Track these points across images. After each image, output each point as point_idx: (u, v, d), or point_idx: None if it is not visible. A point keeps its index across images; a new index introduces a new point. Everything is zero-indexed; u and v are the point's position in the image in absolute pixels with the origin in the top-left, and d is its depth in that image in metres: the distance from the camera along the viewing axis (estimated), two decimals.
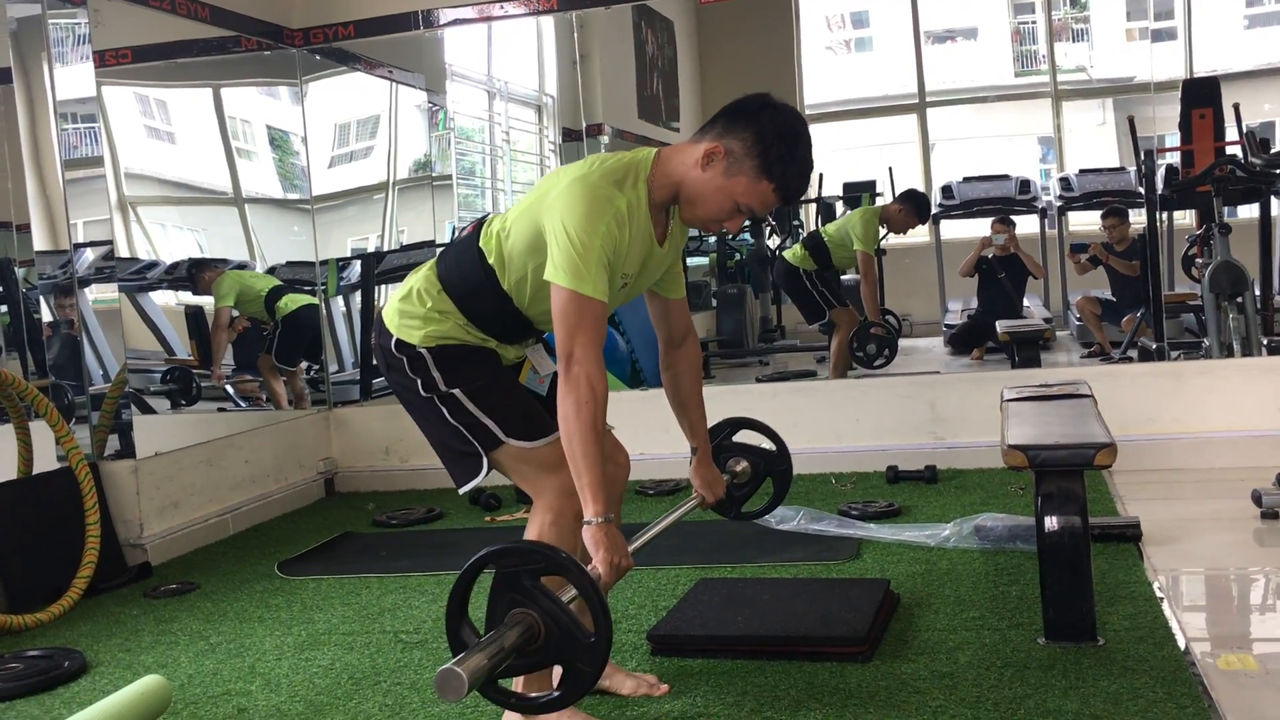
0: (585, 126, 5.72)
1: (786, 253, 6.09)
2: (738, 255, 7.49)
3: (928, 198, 6.24)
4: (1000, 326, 5.70)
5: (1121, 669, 2.32)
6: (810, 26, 7.82)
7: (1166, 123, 5.91)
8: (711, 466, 2.52)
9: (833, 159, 7.48)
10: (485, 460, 2.19)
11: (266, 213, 5.43)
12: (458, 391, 2.19)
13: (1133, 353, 5.52)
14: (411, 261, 5.66)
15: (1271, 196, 5.46)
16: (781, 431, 2.75)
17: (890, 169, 7.06)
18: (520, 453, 2.18)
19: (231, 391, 5.13)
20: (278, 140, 5.38)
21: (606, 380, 2.04)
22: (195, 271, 4.89)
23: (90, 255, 4.03)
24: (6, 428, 3.73)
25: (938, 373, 5.51)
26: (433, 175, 5.77)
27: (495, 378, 2.24)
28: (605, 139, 5.84)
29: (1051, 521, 2.48)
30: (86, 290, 4.02)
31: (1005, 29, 7.99)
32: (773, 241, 7.32)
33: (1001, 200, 6.87)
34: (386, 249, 5.85)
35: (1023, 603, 2.78)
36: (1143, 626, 2.56)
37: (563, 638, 1.78)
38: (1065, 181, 6.97)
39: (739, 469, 2.65)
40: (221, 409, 5.09)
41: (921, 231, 6.68)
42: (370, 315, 5.50)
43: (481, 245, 2.20)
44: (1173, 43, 7.11)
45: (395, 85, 5.69)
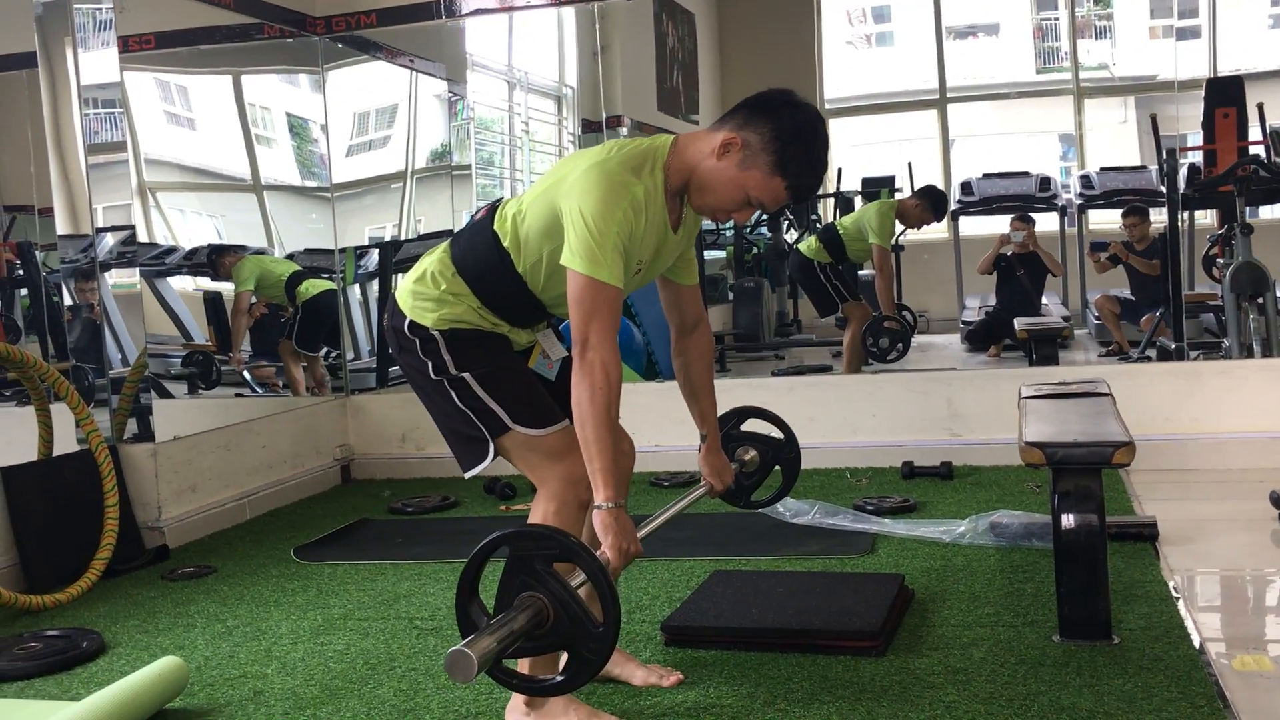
0: (605, 118, 5.71)
1: (801, 245, 6.08)
2: (755, 249, 7.48)
3: (945, 195, 6.21)
4: (1019, 324, 5.68)
5: (1136, 668, 2.32)
6: (831, 21, 7.79)
7: (1189, 121, 5.88)
8: (720, 454, 2.52)
9: (852, 154, 7.46)
10: (491, 445, 2.20)
11: (285, 200, 5.45)
12: (467, 375, 2.20)
13: (1151, 352, 5.50)
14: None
15: None
16: (796, 425, 2.75)
17: (910, 164, 7.04)
18: (526, 440, 2.19)
19: (249, 377, 5.16)
20: (297, 128, 5.40)
21: (621, 366, 2.04)
22: (215, 257, 4.92)
23: (111, 240, 4.06)
24: (27, 410, 3.76)
25: (954, 369, 5.50)
26: (451, 165, 5.78)
27: (505, 364, 2.24)
28: (624, 131, 5.84)
29: (1068, 519, 2.47)
30: (107, 275, 4.05)
31: (1027, 25, 7.95)
32: (790, 235, 7.31)
33: (1021, 197, 6.84)
34: (404, 238, 5.86)
35: (1038, 600, 2.77)
36: (1158, 626, 2.55)
37: (571, 624, 1.79)
38: (1086, 179, 6.94)
39: (748, 458, 2.65)
40: (239, 394, 5.12)
41: (940, 228, 6.67)
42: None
43: (496, 228, 2.20)
44: (1197, 41, 7.06)
45: (415, 74, 5.70)
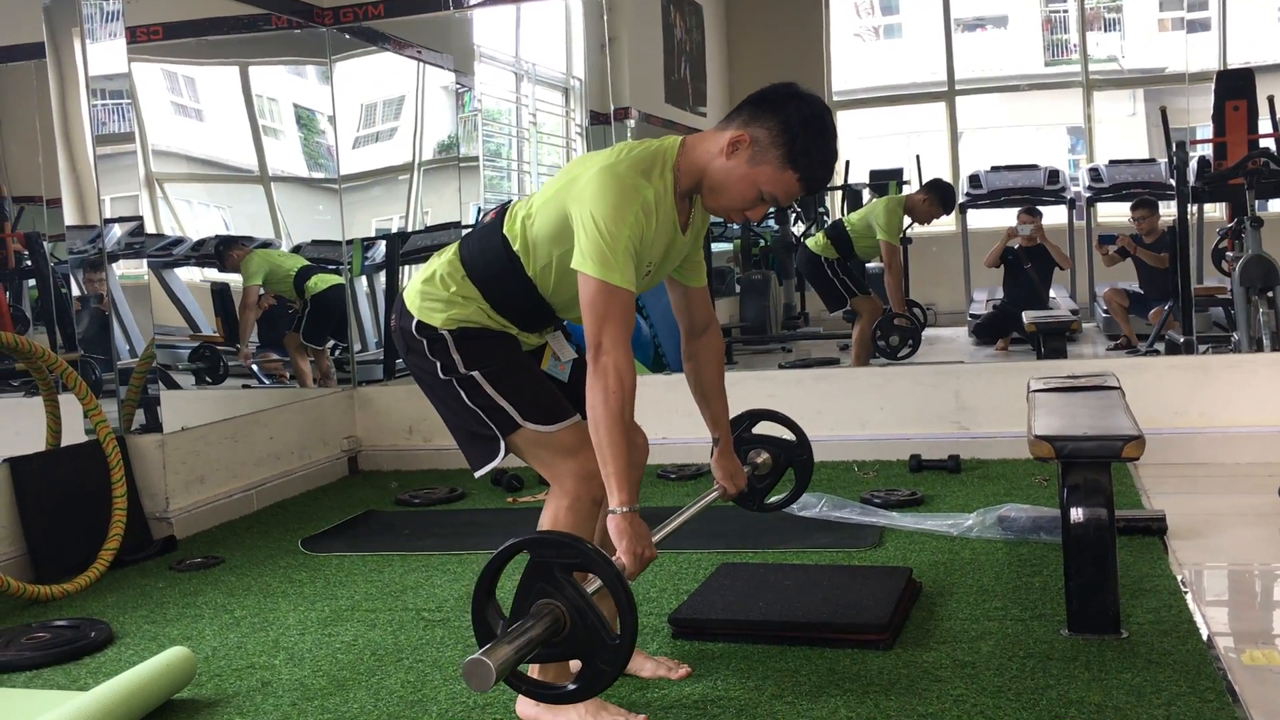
0: (613, 110, 5.70)
1: (809, 240, 6.06)
2: (762, 242, 7.47)
3: (953, 188, 6.18)
4: (1027, 317, 5.67)
5: (1145, 662, 2.31)
6: (839, 13, 7.77)
7: (1199, 114, 5.85)
8: (733, 458, 2.52)
9: (860, 146, 7.44)
10: (503, 444, 2.20)
11: (292, 191, 5.45)
12: (477, 374, 2.19)
13: (1160, 346, 5.48)
14: (436, 242, 5.67)
15: None
16: (804, 419, 2.74)
17: (918, 157, 7.02)
18: (537, 437, 2.18)
19: (256, 369, 5.17)
20: (304, 119, 5.40)
21: (634, 370, 2.04)
22: (223, 249, 4.92)
23: (119, 231, 4.06)
24: (36, 400, 3.77)
25: (962, 362, 5.48)
26: (459, 157, 5.77)
27: (515, 362, 2.24)
28: (632, 123, 5.83)
29: (1077, 513, 2.46)
30: (114, 266, 4.05)
31: (1036, 17, 7.92)
32: (798, 229, 7.29)
33: (1030, 190, 6.82)
34: (411, 229, 5.86)
35: (1046, 594, 2.77)
36: (1167, 620, 2.54)
37: (588, 634, 1.79)
38: (1095, 172, 6.91)
39: (760, 460, 2.65)
40: (246, 386, 5.13)
41: (948, 221, 6.64)
42: (395, 296, 5.52)
43: (505, 232, 2.20)
44: (1206, 33, 7.03)
45: (423, 66, 5.69)
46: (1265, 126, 5.45)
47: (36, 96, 4.17)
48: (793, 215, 7.29)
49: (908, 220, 5.80)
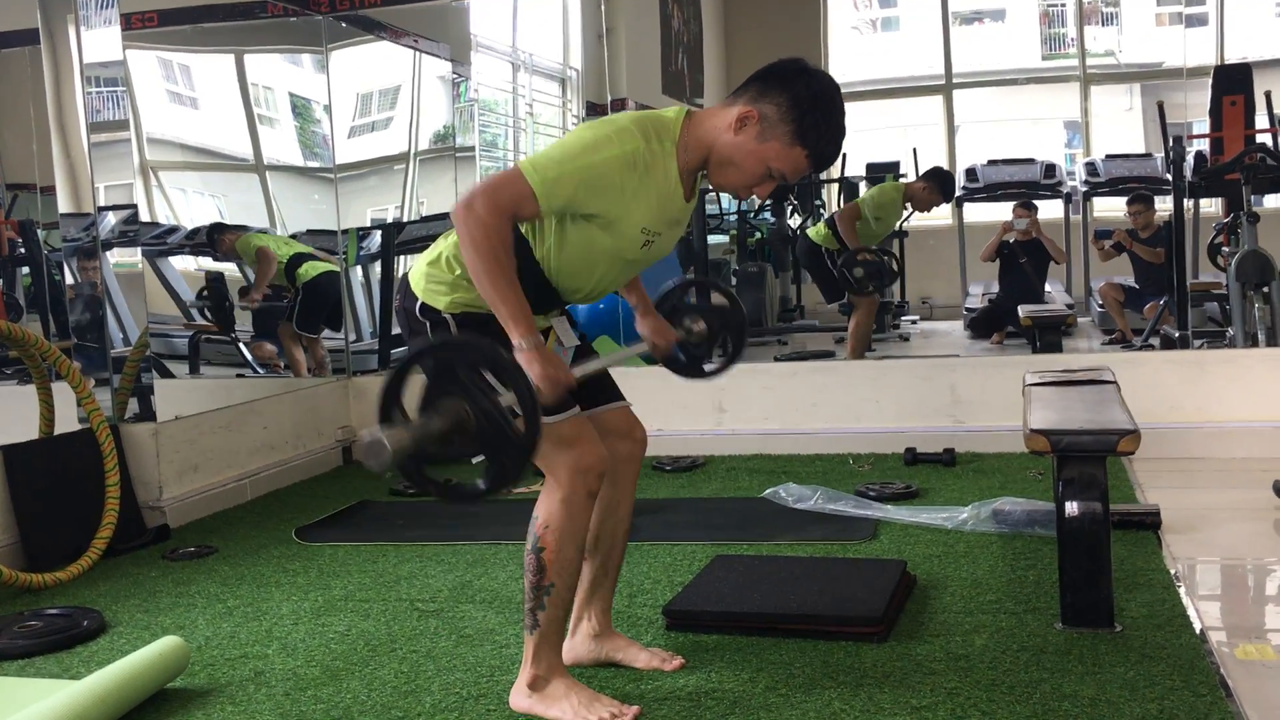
0: (609, 101, 5.69)
1: (810, 230, 6.06)
2: (759, 234, 7.46)
3: (952, 175, 6.19)
4: (1023, 311, 5.67)
5: (1139, 656, 2.32)
6: (837, 5, 7.77)
7: (1196, 109, 5.86)
8: (655, 315, 2.48)
9: (857, 139, 7.42)
10: None
11: (287, 180, 5.43)
12: None
13: (1155, 340, 5.49)
14: (432, 232, 5.65)
15: None
16: (800, 411, 2.75)
17: (915, 150, 7.03)
18: None
19: (250, 357, 5.15)
20: (300, 108, 5.38)
21: (505, 228, 2.00)
22: (216, 236, 4.90)
23: (113, 219, 4.04)
24: (29, 388, 3.75)
25: (957, 356, 5.49)
26: (455, 147, 5.76)
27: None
28: None
29: (1072, 507, 2.46)
30: (108, 254, 4.04)
31: (1033, 11, 7.92)
32: (794, 221, 7.29)
33: (1026, 184, 6.82)
34: (406, 219, 5.85)
35: (1040, 587, 2.77)
36: (1160, 614, 2.54)
37: (490, 429, 1.80)
38: (1091, 166, 6.92)
39: (697, 328, 2.60)
40: (240, 375, 5.12)
41: (945, 214, 6.65)
42: (390, 285, 5.51)
43: None
44: (1204, 29, 7.03)
45: (419, 55, 5.67)
46: (1262, 122, 5.46)
47: (31, 83, 4.15)
48: (789, 208, 7.29)
49: (909, 210, 5.79)
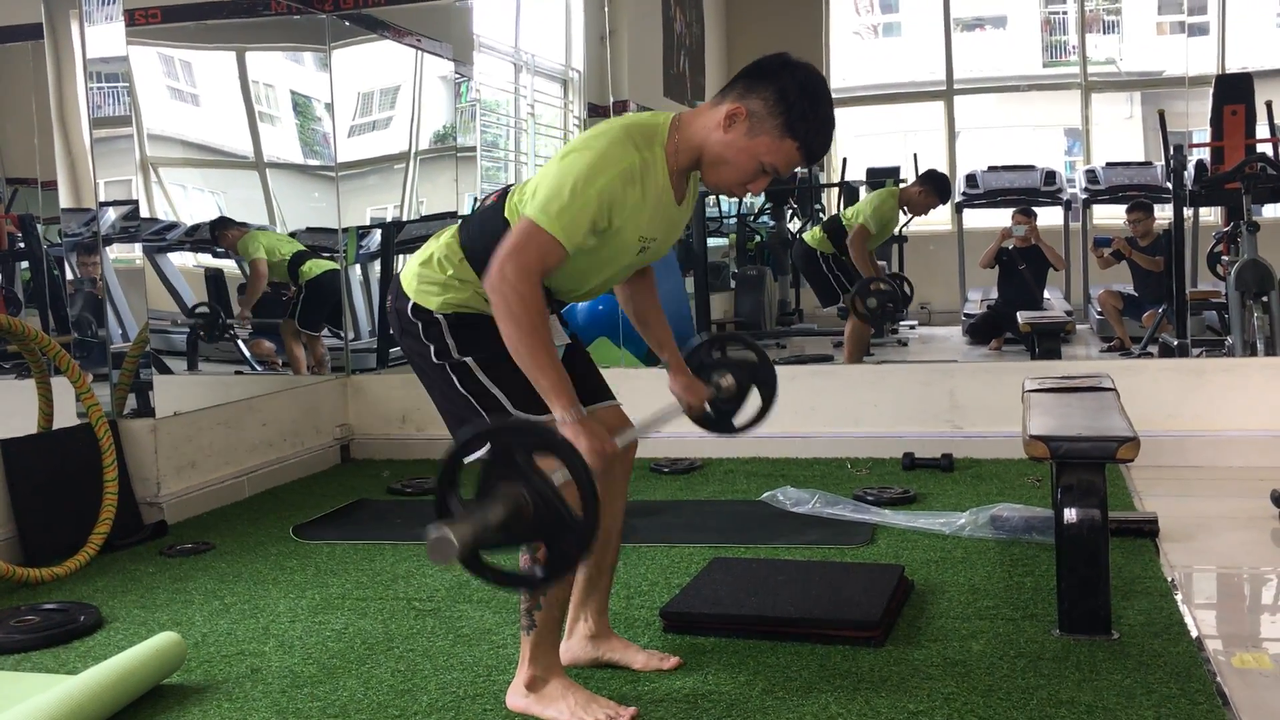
0: (611, 102, 5.69)
1: (806, 235, 6.07)
2: (758, 237, 7.47)
3: (948, 178, 6.18)
4: (1022, 318, 5.68)
5: (1136, 663, 2.32)
6: (839, 10, 7.77)
7: (1196, 118, 5.86)
8: (687, 373, 2.49)
9: (857, 144, 7.45)
10: None
11: (287, 178, 5.43)
12: (469, 360, 2.18)
13: (1153, 348, 5.50)
14: (431, 232, 5.64)
15: None
16: (798, 415, 2.75)
17: (915, 155, 7.03)
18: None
19: (249, 354, 5.15)
20: (301, 106, 5.38)
21: (539, 294, 2.01)
22: (219, 230, 4.89)
23: (113, 214, 4.04)
24: (27, 382, 3.75)
25: (956, 361, 5.49)
26: (456, 146, 5.76)
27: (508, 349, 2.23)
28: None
29: (1071, 513, 2.47)
30: (109, 249, 4.03)
31: (1035, 18, 7.93)
32: (794, 224, 7.29)
33: (1026, 191, 6.83)
34: (406, 219, 5.85)
35: (1038, 594, 2.77)
36: (1158, 622, 2.55)
37: (551, 516, 1.78)
38: (1091, 174, 6.93)
39: (725, 383, 2.61)
40: (239, 372, 5.12)
41: (944, 219, 6.65)
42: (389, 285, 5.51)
43: (506, 215, 2.18)
44: (1205, 38, 7.04)
45: (422, 54, 5.68)
46: (1263, 131, 5.46)
47: (33, 78, 4.14)
48: (789, 211, 7.29)
49: (905, 214, 5.78)
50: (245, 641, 2.70)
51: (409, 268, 2.26)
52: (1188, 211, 5.49)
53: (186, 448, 4.08)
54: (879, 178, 6.95)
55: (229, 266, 4.99)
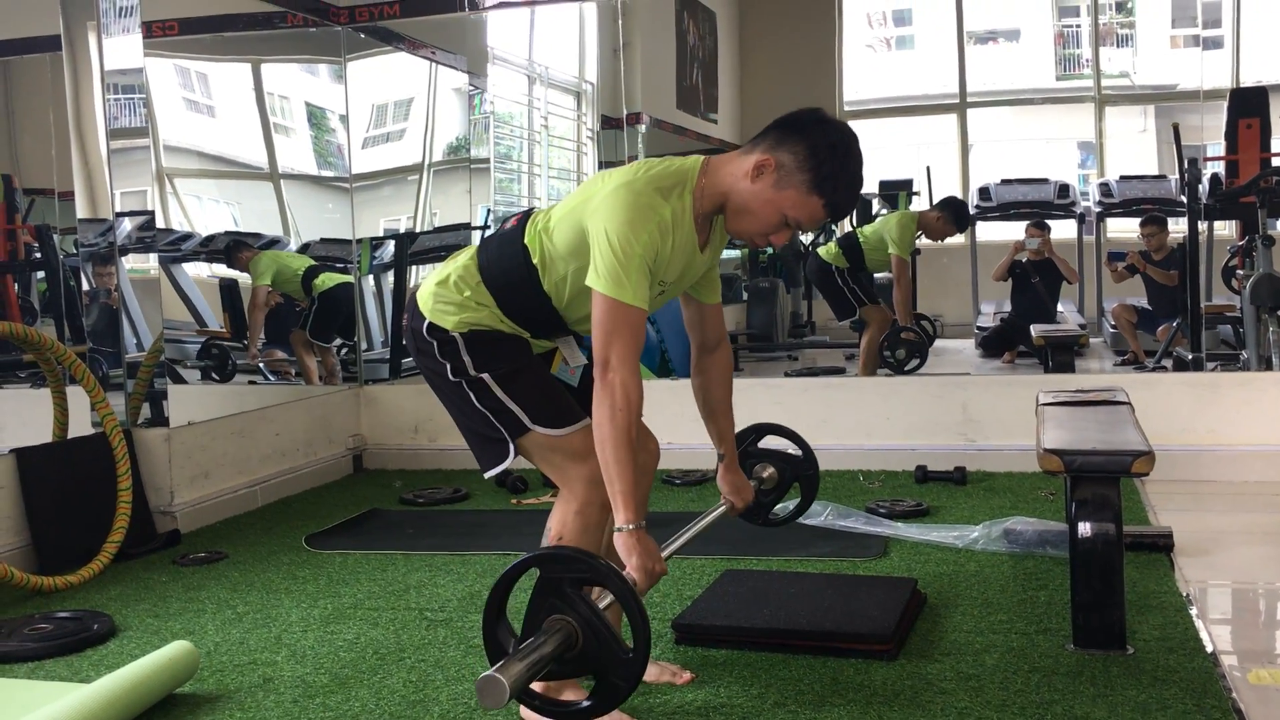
0: (625, 115, 5.71)
1: (821, 249, 6.07)
2: (770, 249, 7.47)
3: (967, 206, 6.19)
4: (1035, 331, 5.66)
5: (1151, 679, 2.31)
6: (852, 23, 7.77)
7: (1211, 131, 5.85)
8: (739, 472, 2.53)
9: (870, 157, 7.42)
10: (512, 446, 2.19)
11: (302, 189, 5.45)
12: (486, 376, 2.19)
13: (1167, 362, 5.47)
14: (445, 243, 5.67)
15: None
16: (810, 427, 2.74)
17: (928, 168, 7.02)
18: (547, 440, 2.18)
19: (262, 365, 5.17)
20: (316, 117, 5.40)
21: (641, 387, 2.04)
22: (232, 250, 4.92)
23: (129, 225, 4.06)
24: (43, 392, 3.77)
25: (969, 374, 5.48)
26: (470, 158, 5.78)
27: (525, 364, 2.24)
28: (643, 128, 5.83)
29: (1085, 527, 2.46)
30: (124, 260, 4.05)
31: (1049, 32, 7.92)
32: (806, 237, 7.29)
33: (1040, 204, 6.81)
34: (420, 230, 5.86)
35: (1051, 608, 2.76)
36: (1173, 637, 2.53)
37: (600, 648, 1.79)
38: (1105, 187, 6.91)
39: (765, 475, 2.66)
40: (252, 382, 5.13)
41: (958, 235, 6.63)
42: (403, 296, 5.52)
43: (526, 242, 2.19)
44: (1219, 51, 7.02)
45: (436, 66, 5.70)
46: (1278, 145, 5.44)
47: (51, 89, 4.17)
48: None
49: (920, 236, 5.81)
50: (257, 651, 2.70)
51: (425, 287, 2.27)
52: (1202, 225, 5.47)
53: (200, 457, 4.09)
54: (892, 190, 6.95)
55: (244, 278, 5.01)
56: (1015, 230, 6.61)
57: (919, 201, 6.55)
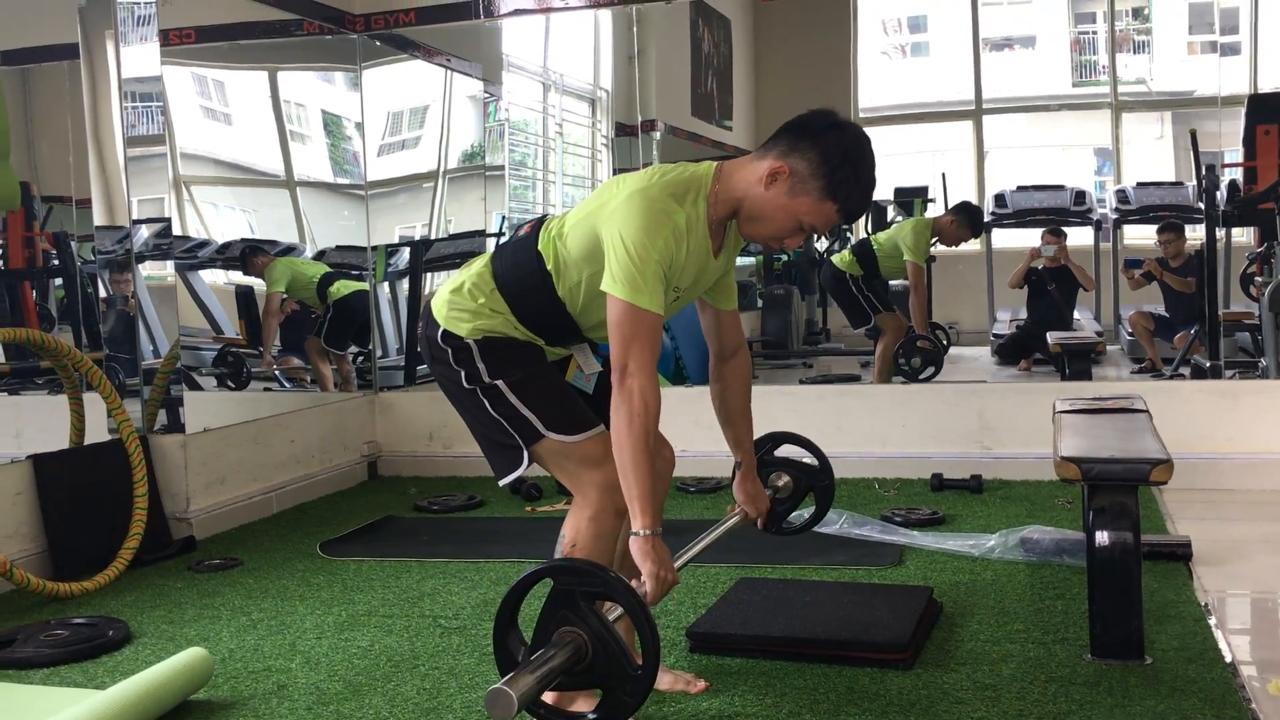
0: (639, 122, 5.71)
1: (834, 257, 6.06)
2: (785, 256, 7.45)
3: (981, 211, 6.17)
4: (1052, 338, 5.64)
5: (1169, 689, 2.29)
6: (867, 30, 7.75)
7: (1228, 138, 5.81)
8: (756, 482, 2.52)
9: (885, 163, 7.39)
10: (526, 453, 2.19)
11: (318, 196, 5.47)
12: (500, 383, 2.19)
13: (1185, 370, 5.43)
14: (459, 250, 5.68)
15: None
16: (825, 435, 2.74)
17: (943, 175, 7.00)
18: (561, 447, 2.18)
19: (278, 372, 5.19)
20: (332, 125, 5.42)
21: (659, 393, 2.03)
22: (248, 256, 4.94)
23: (146, 232, 4.08)
24: (59, 398, 3.79)
25: (985, 381, 5.45)
26: (484, 166, 5.79)
27: (539, 371, 2.24)
28: (658, 135, 5.83)
29: (1103, 536, 2.44)
30: (141, 267, 4.07)
31: (1065, 38, 7.89)
32: (821, 244, 7.28)
33: (1056, 211, 6.79)
34: (435, 237, 5.87)
35: (1069, 617, 2.74)
36: (1191, 647, 2.51)
37: (609, 663, 1.79)
38: (1122, 194, 6.87)
39: (781, 483, 2.65)
40: (268, 389, 5.15)
41: (973, 239, 6.60)
42: (418, 303, 5.53)
43: (540, 248, 2.19)
44: (1237, 57, 6.98)
45: (451, 74, 5.71)
46: None
47: (69, 97, 4.20)
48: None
49: (935, 241, 5.79)
50: (272, 658, 2.70)
51: (440, 295, 2.27)
52: (1220, 232, 5.43)
53: (216, 463, 4.10)
54: (907, 197, 6.93)
55: (260, 286, 5.03)
56: (1031, 237, 6.58)
57: (934, 209, 6.52)
